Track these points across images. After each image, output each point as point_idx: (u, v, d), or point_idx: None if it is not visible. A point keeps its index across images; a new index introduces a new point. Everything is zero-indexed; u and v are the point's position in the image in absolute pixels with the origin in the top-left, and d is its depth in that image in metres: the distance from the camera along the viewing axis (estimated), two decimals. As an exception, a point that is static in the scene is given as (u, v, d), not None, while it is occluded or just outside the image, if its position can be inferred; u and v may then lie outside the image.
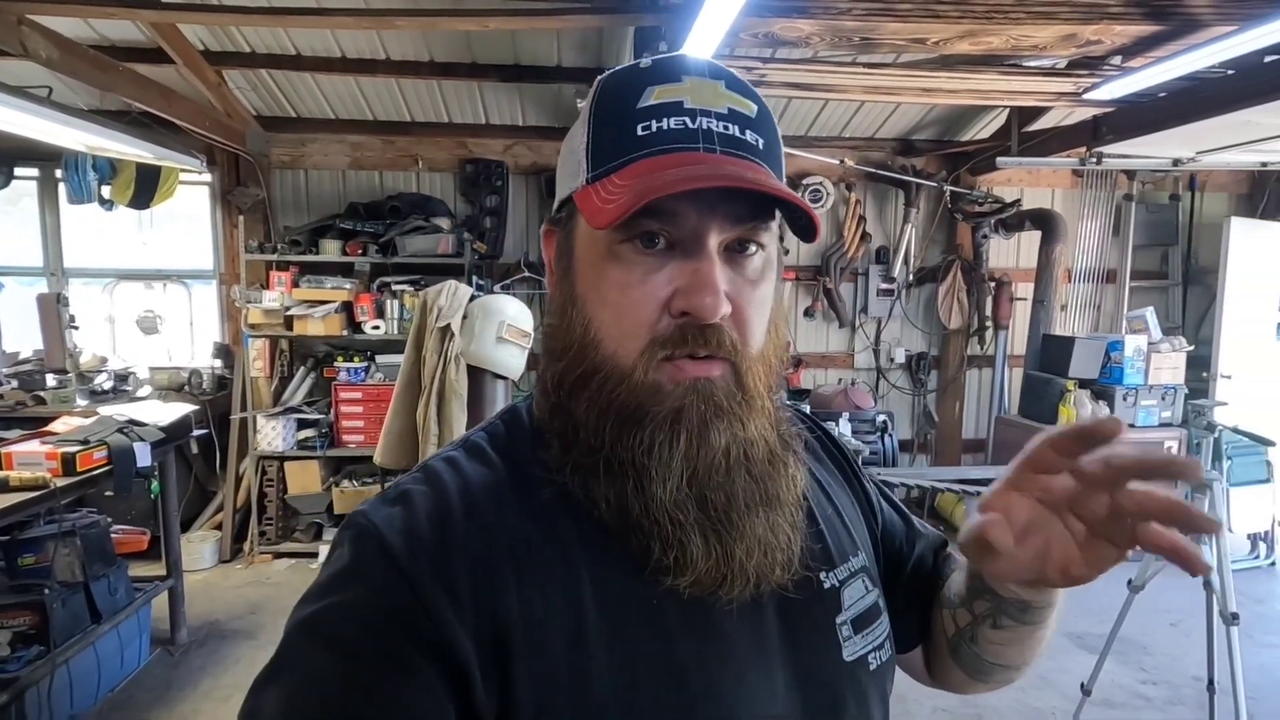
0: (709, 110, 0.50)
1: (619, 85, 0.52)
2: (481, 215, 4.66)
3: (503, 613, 0.47)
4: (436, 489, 0.52)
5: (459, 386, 2.40)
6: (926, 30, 2.62)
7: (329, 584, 0.49)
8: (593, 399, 0.51)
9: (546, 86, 4.27)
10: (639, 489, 0.49)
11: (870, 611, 0.61)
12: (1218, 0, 2.48)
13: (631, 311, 0.50)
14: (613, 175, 0.50)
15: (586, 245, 0.52)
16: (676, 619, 0.51)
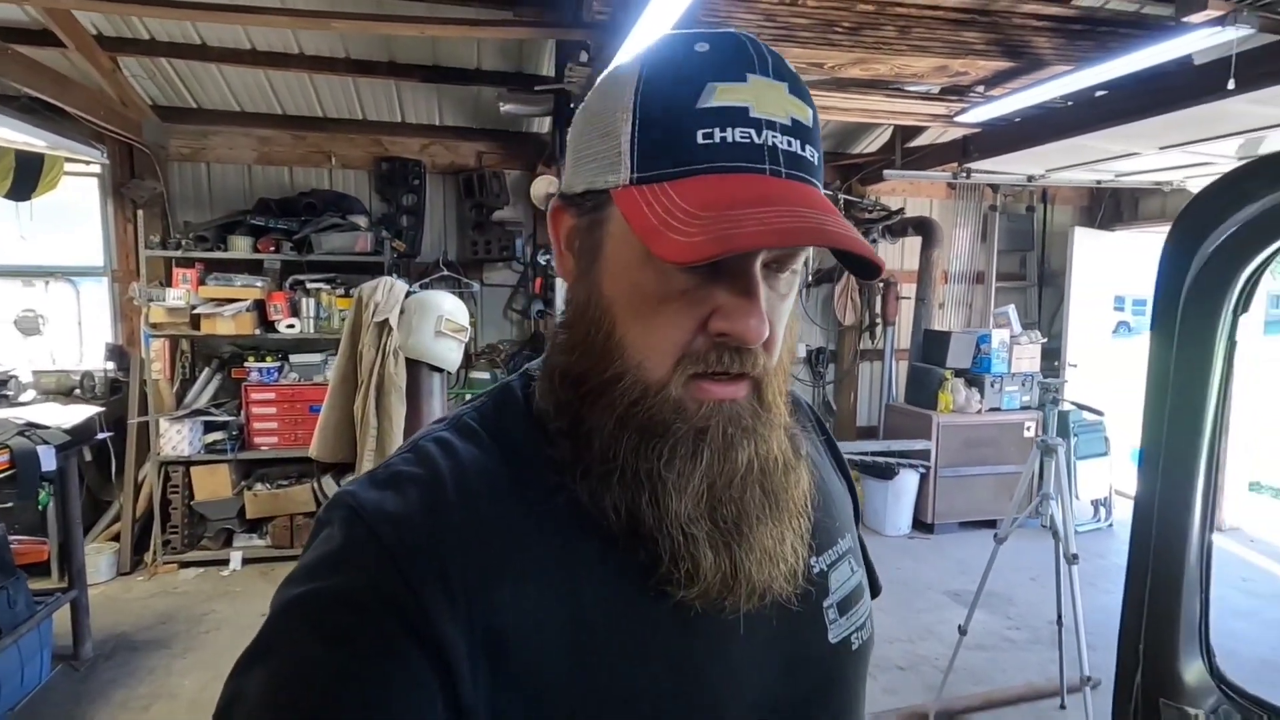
0: (774, 121, 0.46)
1: (673, 71, 0.47)
2: (398, 214, 4.65)
3: (497, 608, 0.46)
4: (429, 472, 0.50)
5: (398, 379, 2.47)
6: (824, 56, 2.93)
7: (317, 566, 0.47)
8: (611, 407, 0.49)
9: (466, 88, 4.34)
10: (654, 501, 0.48)
11: (855, 593, 0.61)
12: (1058, 44, 2.94)
13: (667, 327, 0.47)
14: (667, 185, 0.45)
15: (621, 246, 0.49)
16: (672, 615, 0.50)
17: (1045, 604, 3.66)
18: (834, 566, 0.60)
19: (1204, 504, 0.68)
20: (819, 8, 2.75)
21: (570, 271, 0.53)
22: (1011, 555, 3.13)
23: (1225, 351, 0.62)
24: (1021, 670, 3.20)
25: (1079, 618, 2.64)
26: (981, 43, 2.91)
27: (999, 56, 2.98)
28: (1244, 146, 3.94)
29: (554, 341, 0.55)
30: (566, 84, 3.38)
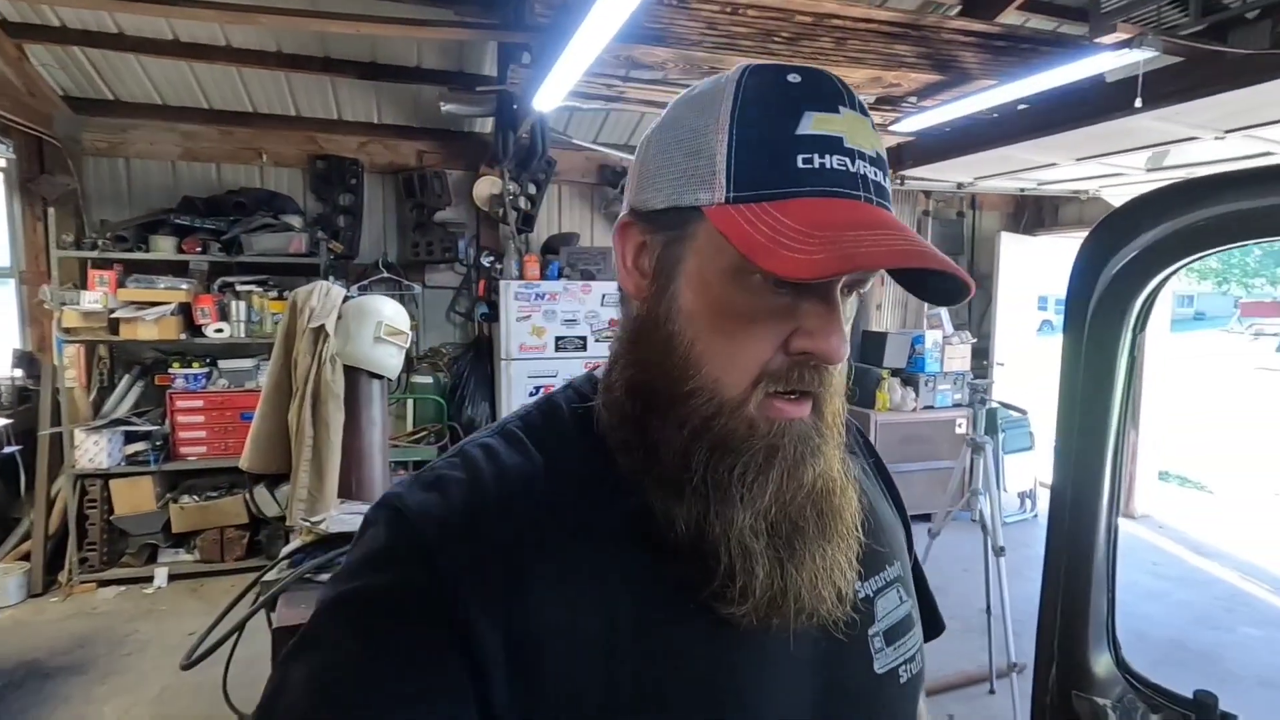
0: (863, 152, 0.48)
1: (771, 97, 0.48)
2: (335, 214, 4.51)
3: (533, 613, 0.47)
4: (473, 477, 0.51)
5: (336, 386, 2.39)
6: (764, 65, 2.99)
7: (361, 565, 0.49)
8: (684, 421, 0.49)
9: (405, 86, 4.24)
10: (719, 514, 0.48)
11: (903, 623, 0.60)
12: (984, 59, 3.08)
13: (751, 343, 0.48)
14: (768, 205, 0.46)
15: (707, 262, 0.49)
16: (709, 629, 0.50)
17: (976, 594, 3.82)
18: (881, 593, 0.59)
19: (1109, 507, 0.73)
20: (759, 17, 2.80)
21: (640, 287, 0.53)
22: (945, 548, 3.26)
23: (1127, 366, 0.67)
24: (955, 658, 3.33)
25: (1006, 607, 2.78)
26: (913, 56, 3.02)
27: (929, 70, 3.10)
28: (1151, 159, 4.21)
29: (619, 356, 0.55)
30: (509, 85, 3.35)
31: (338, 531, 2.04)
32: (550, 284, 4.28)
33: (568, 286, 4.30)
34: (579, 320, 4.32)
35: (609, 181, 5.03)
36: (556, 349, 4.29)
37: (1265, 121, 3.14)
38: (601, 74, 3.09)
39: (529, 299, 4.22)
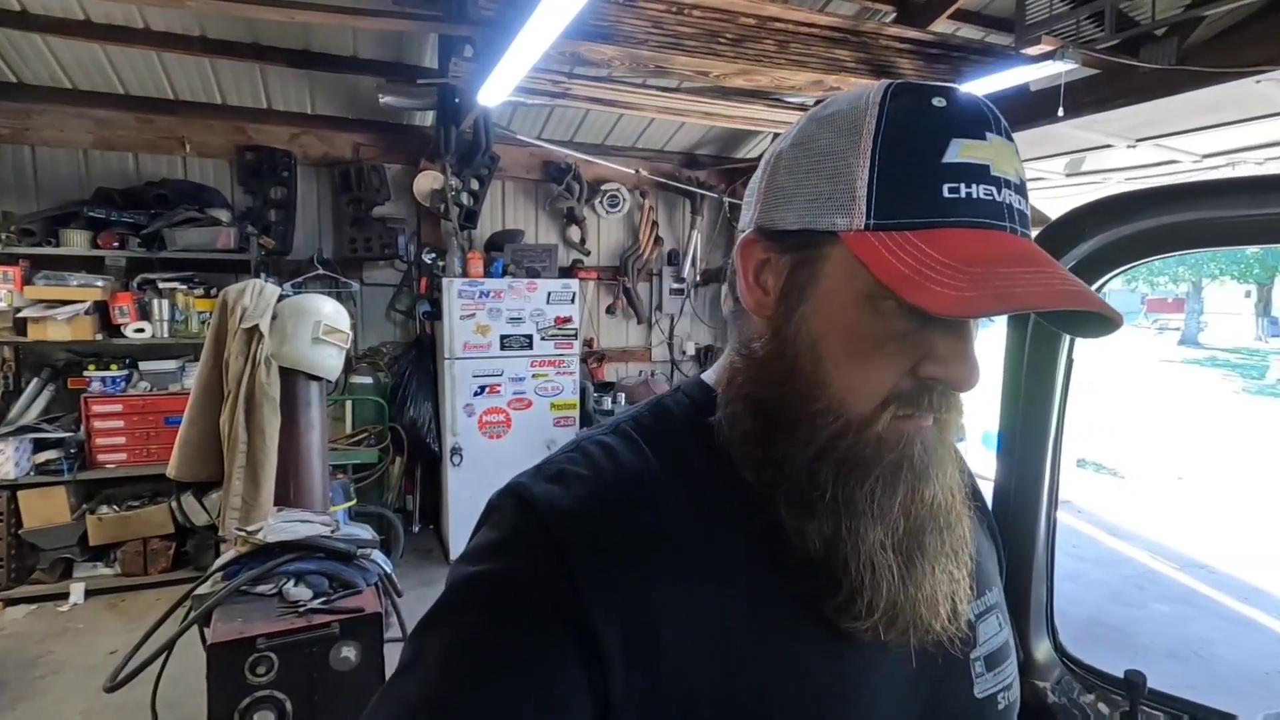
0: (1009, 180, 0.47)
1: (916, 122, 0.47)
2: (266, 208, 4.31)
3: (653, 609, 0.47)
4: (593, 471, 0.52)
5: (271, 389, 2.29)
6: (709, 66, 3.02)
7: (490, 548, 0.50)
8: (811, 440, 0.50)
9: (340, 76, 4.09)
10: (851, 529, 0.49)
11: (1002, 650, 0.60)
12: (918, 66, 3.19)
13: (881, 368, 0.49)
14: (911, 234, 0.46)
15: (840, 286, 0.49)
16: (825, 643, 0.51)
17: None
18: (982, 618, 0.59)
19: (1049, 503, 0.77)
20: (704, 18, 2.82)
21: (763, 304, 0.53)
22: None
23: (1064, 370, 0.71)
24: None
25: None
26: (852, 61, 3.10)
27: (868, 74, 3.19)
28: (1069, 164, 4.46)
29: (740, 371, 0.55)
30: (451, 78, 3.28)
31: (276, 541, 1.96)
32: (494, 281, 4.22)
33: (513, 284, 4.24)
34: (524, 319, 4.27)
35: (553, 178, 4.99)
36: (502, 348, 4.23)
37: (1171, 132, 3.36)
38: (547, 70, 3.06)
39: (473, 297, 4.14)
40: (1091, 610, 3.83)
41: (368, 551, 2.02)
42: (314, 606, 1.78)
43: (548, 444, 4.36)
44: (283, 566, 1.90)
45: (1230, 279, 21.49)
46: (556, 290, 4.34)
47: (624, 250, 5.35)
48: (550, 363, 4.34)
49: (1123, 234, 0.63)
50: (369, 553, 2.03)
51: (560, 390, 4.38)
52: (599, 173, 5.05)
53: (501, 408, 4.25)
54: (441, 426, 4.31)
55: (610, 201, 5.18)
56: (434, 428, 4.41)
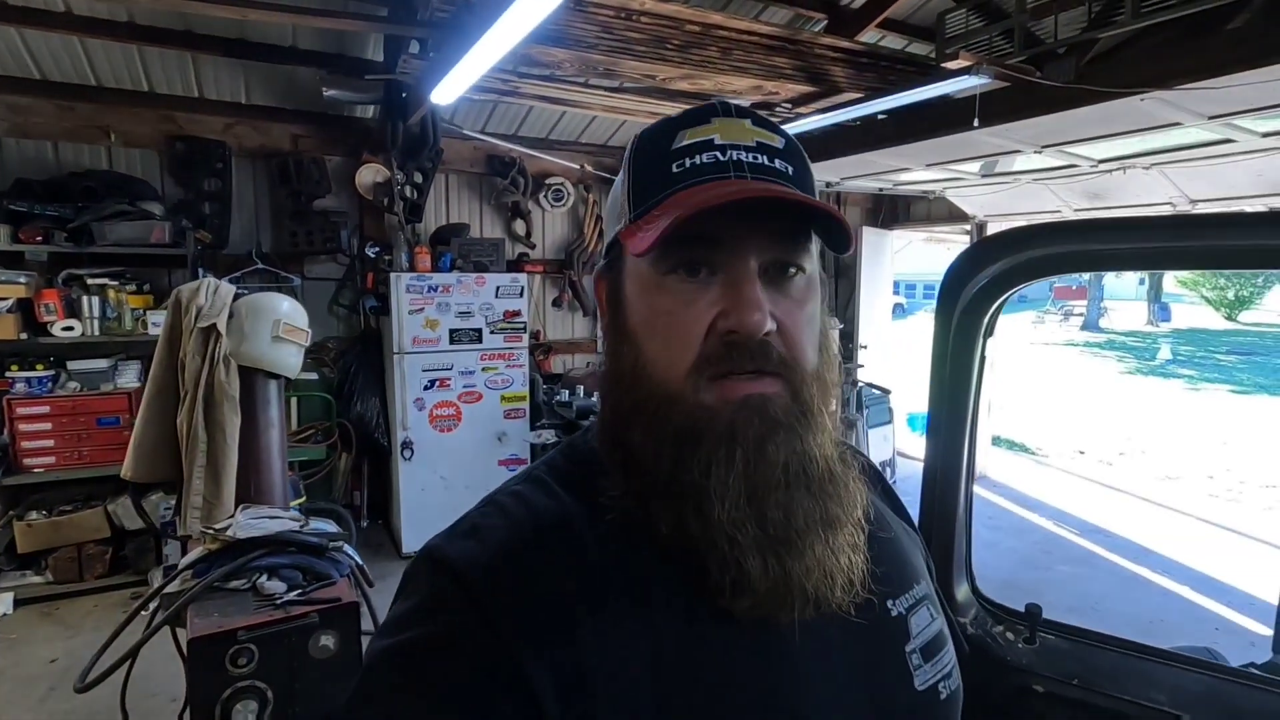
0: (738, 144, 0.53)
1: (653, 134, 0.57)
2: (200, 201, 4.18)
3: (581, 649, 0.47)
4: (506, 521, 0.53)
5: (230, 388, 2.29)
6: (657, 70, 3.15)
7: (407, 618, 0.49)
8: (647, 426, 0.52)
9: (278, 67, 4.01)
10: (698, 510, 0.50)
11: (937, 639, 0.61)
12: (850, 74, 3.41)
13: (678, 336, 0.51)
14: (653, 211, 0.53)
15: (634, 281, 0.55)
16: (754, 646, 0.51)
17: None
18: (913, 610, 0.60)
19: (967, 474, 0.95)
20: (652, 24, 2.94)
21: (606, 323, 0.59)
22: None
23: (979, 365, 0.88)
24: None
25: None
26: (790, 68, 3.29)
27: (804, 81, 3.39)
28: (984, 167, 4.82)
29: (600, 390, 0.61)
30: (400, 75, 3.28)
31: (246, 538, 1.99)
32: (443, 276, 4.24)
33: (461, 279, 4.27)
34: (474, 313, 4.31)
35: (498, 172, 5.01)
36: (451, 342, 4.26)
37: (1071, 140, 3.71)
38: (497, 69, 3.12)
39: (421, 291, 4.16)
40: (1006, 575, 4.21)
41: (339, 544, 2.08)
42: (291, 598, 1.84)
43: (499, 436, 4.43)
44: (255, 562, 1.93)
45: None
46: (505, 284, 4.40)
47: (569, 244, 5.43)
48: (500, 356, 4.40)
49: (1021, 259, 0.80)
50: (340, 545, 2.08)
51: (510, 383, 4.45)
52: (543, 167, 5.11)
53: (452, 401, 4.29)
54: (391, 421, 4.31)
55: (555, 195, 5.25)
56: (383, 422, 4.40)
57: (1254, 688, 0.80)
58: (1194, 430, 8.87)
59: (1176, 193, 4.39)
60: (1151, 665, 0.84)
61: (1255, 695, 0.79)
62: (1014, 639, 0.91)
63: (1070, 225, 0.77)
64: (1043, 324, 24.23)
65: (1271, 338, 19.99)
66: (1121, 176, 4.38)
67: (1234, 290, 23.48)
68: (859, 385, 5.45)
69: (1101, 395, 11.63)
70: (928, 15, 3.85)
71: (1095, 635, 0.92)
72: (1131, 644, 0.89)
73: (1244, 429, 8.91)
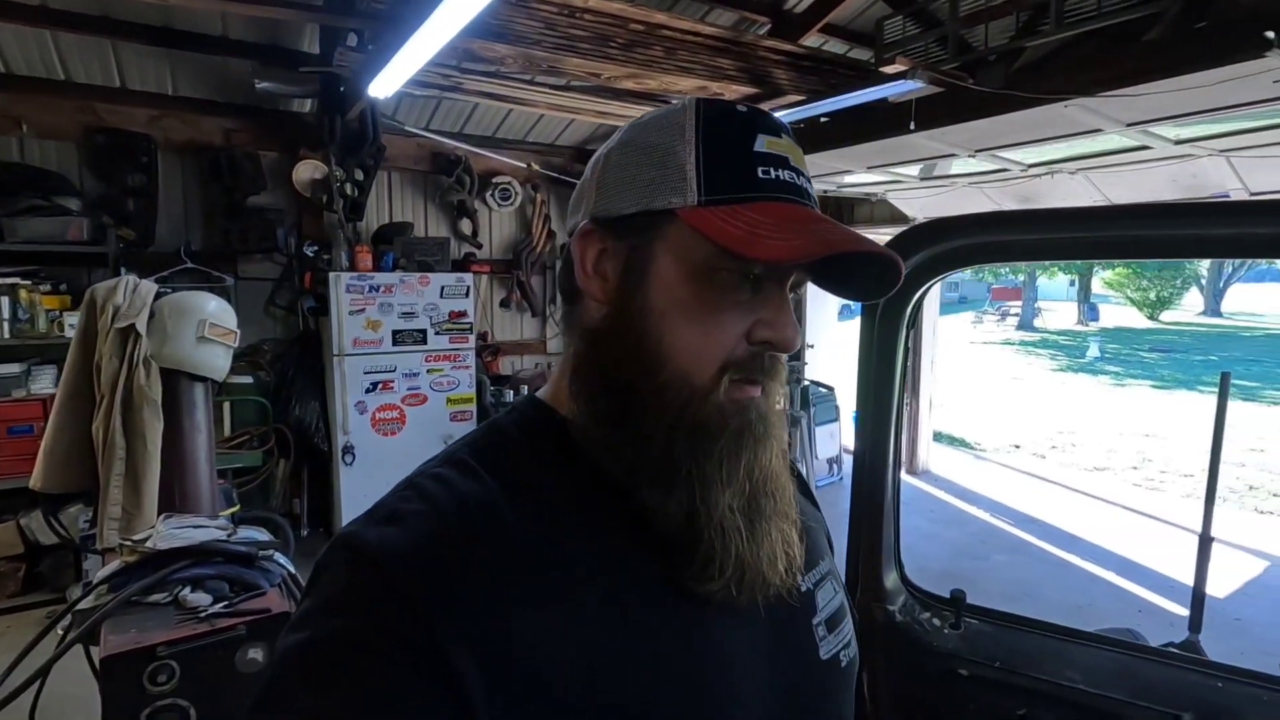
0: (801, 171, 0.55)
1: (727, 120, 0.54)
2: (123, 196, 3.98)
3: (509, 637, 0.46)
4: (430, 506, 0.50)
5: (151, 392, 2.17)
6: (601, 68, 3.13)
7: (322, 610, 0.46)
8: (661, 413, 0.52)
9: (208, 57, 3.84)
10: (704, 499, 0.52)
11: (839, 612, 0.65)
12: (792, 77, 3.46)
13: (717, 336, 0.53)
14: (738, 207, 0.51)
15: (678, 260, 0.53)
16: (683, 627, 0.53)
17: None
18: (819, 586, 0.64)
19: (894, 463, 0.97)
20: (596, 22, 2.93)
21: (604, 290, 0.56)
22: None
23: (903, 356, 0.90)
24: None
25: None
26: (734, 69, 3.32)
27: (748, 83, 3.42)
28: (922, 170, 4.96)
29: (583, 360, 0.57)
30: (337, 67, 3.19)
31: (167, 549, 1.89)
32: (385, 276, 4.13)
33: (404, 279, 4.17)
34: (418, 313, 4.21)
35: (443, 170, 4.92)
36: (394, 343, 4.15)
37: (1003, 144, 3.85)
38: (439, 63, 3.05)
39: (362, 291, 4.04)
40: (945, 565, 4.34)
41: (269, 553, 1.99)
42: (216, 611, 1.75)
43: (444, 439, 4.32)
44: (177, 573, 1.84)
45: (1058, 270, 24.38)
46: (450, 284, 4.31)
47: (517, 243, 5.37)
48: (445, 357, 4.32)
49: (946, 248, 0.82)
50: (270, 554, 2.00)
51: (457, 384, 4.36)
52: (490, 165, 5.04)
53: (395, 404, 4.18)
54: (331, 425, 4.18)
55: (502, 194, 5.18)
56: (323, 427, 4.26)
57: (1164, 664, 0.84)
58: (1120, 424, 9.34)
59: (1100, 196, 4.61)
60: (1070, 646, 0.87)
61: (1165, 671, 0.83)
62: (940, 624, 0.93)
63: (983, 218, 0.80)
64: (981, 324, 25.17)
65: (1189, 336, 21.23)
66: (1050, 181, 4.57)
67: (1155, 291, 24.86)
68: (804, 383, 5.54)
69: (1035, 391, 12.13)
70: (867, 22, 3.95)
71: (1017, 619, 0.94)
72: (1051, 626, 0.93)
73: (1165, 422, 9.42)
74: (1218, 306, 27.20)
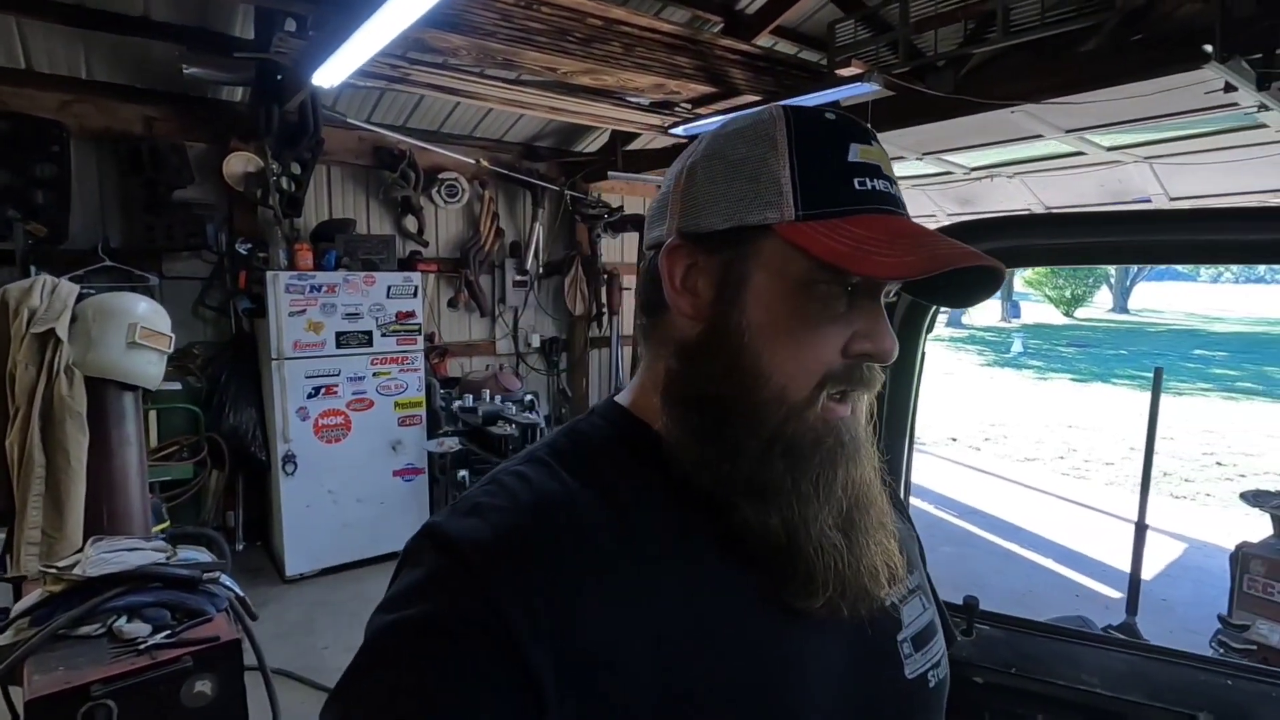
0: (892, 179, 0.55)
1: (818, 130, 0.53)
2: (31, 188, 3.64)
3: (582, 630, 0.47)
4: (512, 503, 0.52)
5: (74, 403, 1.98)
6: (558, 63, 3.06)
7: (408, 594, 0.49)
8: (759, 428, 0.52)
9: (126, 39, 3.56)
10: (803, 514, 0.52)
11: (928, 629, 0.63)
12: (748, 77, 3.47)
13: (817, 350, 0.52)
14: (839, 221, 0.51)
15: (776, 276, 0.53)
16: (754, 632, 0.53)
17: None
18: (905, 600, 0.62)
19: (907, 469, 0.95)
20: (553, 15, 2.85)
21: (695, 306, 0.55)
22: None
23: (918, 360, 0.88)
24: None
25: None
26: (691, 68, 3.30)
27: (705, 82, 3.41)
28: (869, 171, 5.07)
29: (676, 375, 0.56)
30: (275, 54, 3.00)
31: (98, 575, 1.72)
32: (328, 275, 3.93)
33: (349, 278, 3.98)
34: (363, 314, 4.03)
35: (386, 164, 4.72)
36: (338, 345, 3.96)
37: (950, 148, 3.97)
38: (387, 54, 2.91)
39: (303, 291, 3.83)
40: (896, 558, 4.44)
41: (214, 575, 1.85)
42: (158, 641, 1.60)
43: (393, 445, 4.17)
44: (110, 602, 1.68)
45: (983, 269, 25.43)
46: (397, 284, 4.14)
47: (465, 242, 5.22)
48: (393, 360, 4.14)
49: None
50: (216, 576, 1.85)
51: (405, 388, 4.20)
52: (436, 161, 4.87)
53: (340, 409, 3.99)
54: (270, 433, 3.95)
55: (449, 191, 5.02)
56: (260, 435, 4.03)
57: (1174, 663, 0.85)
58: (1045, 416, 9.83)
59: (1034, 200, 4.83)
60: (1081, 649, 0.88)
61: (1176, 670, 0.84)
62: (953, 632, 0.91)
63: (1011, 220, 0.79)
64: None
65: (1102, 331, 22.63)
66: (989, 184, 4.75)
67: (1071, 290, 26.36)
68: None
69: (967, 386, 12.67)
70: (818, 25, 3.99)
71: (1028, 623, 0.94)
72: (1062, 629, 0.93)
73: (1085, 413, 9.99)
74: (1125, 304, 29.09)
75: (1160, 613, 3.70)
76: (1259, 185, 3.85)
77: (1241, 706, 0.77)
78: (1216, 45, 2.32)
